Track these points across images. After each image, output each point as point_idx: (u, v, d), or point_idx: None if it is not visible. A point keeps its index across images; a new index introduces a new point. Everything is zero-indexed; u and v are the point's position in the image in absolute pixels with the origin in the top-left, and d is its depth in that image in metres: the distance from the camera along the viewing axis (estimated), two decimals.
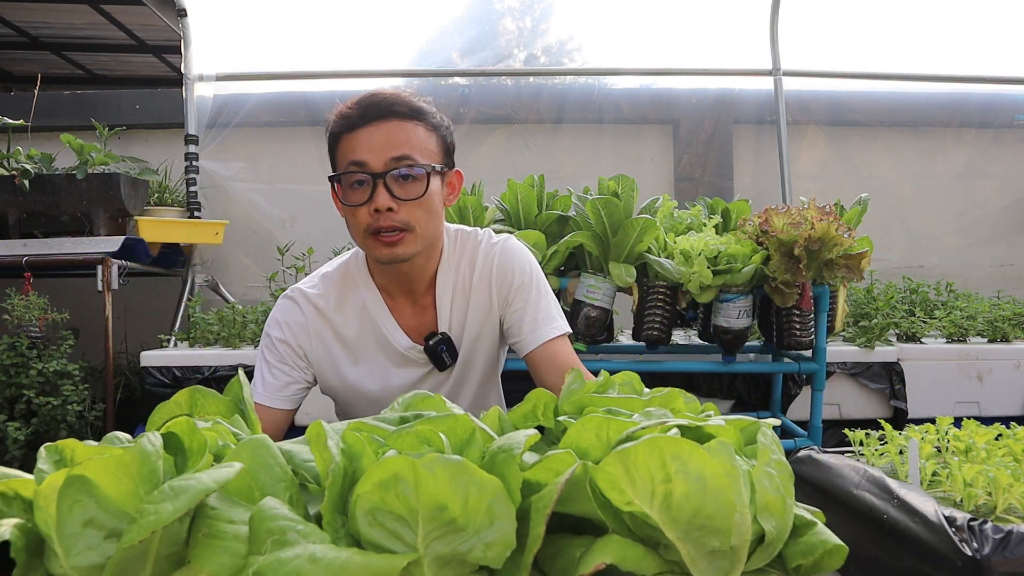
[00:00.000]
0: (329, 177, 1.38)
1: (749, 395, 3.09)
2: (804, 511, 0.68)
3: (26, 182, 2.86)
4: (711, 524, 0.58)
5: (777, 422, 0.69)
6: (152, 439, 0.61)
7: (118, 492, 0.57)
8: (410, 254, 1.37)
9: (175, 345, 3.16)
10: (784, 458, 0.65)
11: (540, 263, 2.53)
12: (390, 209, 1.32)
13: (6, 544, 0.57)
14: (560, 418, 0.76)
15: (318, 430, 0.63)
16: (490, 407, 0.79)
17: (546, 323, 1.48)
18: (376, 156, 1.31)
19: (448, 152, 1.43)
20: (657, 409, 0.70)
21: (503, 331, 1.55)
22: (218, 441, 0.69)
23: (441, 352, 1.48)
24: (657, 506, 0.57)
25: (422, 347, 1.49)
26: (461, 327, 1.52)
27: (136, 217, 3.13)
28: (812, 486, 1.00)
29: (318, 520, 0.60)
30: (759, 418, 0.71)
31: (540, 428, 0.79)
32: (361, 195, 1.33)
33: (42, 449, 0.64)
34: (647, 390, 0.80)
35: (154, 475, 0.59)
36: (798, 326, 2.56)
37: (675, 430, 0.62)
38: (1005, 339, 3.14)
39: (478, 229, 1.57)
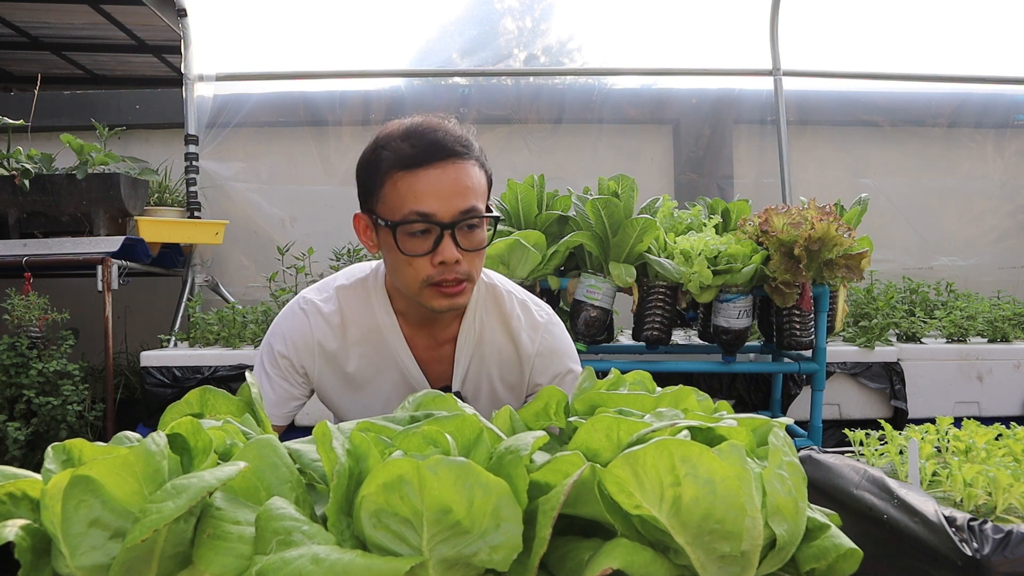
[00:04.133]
0: (388, 223, 1.25)
1: (749, 395, 3.09)
2: (818, 513, 0.66)
3: (26, 182, 2.86)
4: (721, 528, 0.57)
5: (790, 421, 0.68)
6: (157, 439, 0.61)
7: (123, 492, 0.57)
8: (467, 303, 1.33)
9: (175, 345, 3.15)
10: (796, 459, 0.64)
11: (540, 263, 2.55)
12: (456, 261, 1.25)
13: (12, 544, 0.57)
14: (571, 418, 0.75)
15: (324, 430, 0.62)
16: None
17: (562, 381, 1.45)
18: (444, 206, 1.23)
19: (491, 187, 1.35)
20: (669, 409, 0.69)
21: (526, 398, 1.49)
22: (226, 440, 0.68)
23: None
24: (666, 510, 0.57)
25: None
26: (476, 389, 1.45)
27: (136, 217, 3.13)
28: (812, 486, 0.99)
29: (325, 521, 0.60)
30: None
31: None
32: (423, 245, 1.24)
33: (49, 449, 0.63)
34: (659, 389, 0.79)
35: (159, 475, 0.59)
36: (798, 326, 2.56)
37: (685, 432, 0.61)
38: (1005, 339, 3.14)
39: (511, 288, 1.48)
